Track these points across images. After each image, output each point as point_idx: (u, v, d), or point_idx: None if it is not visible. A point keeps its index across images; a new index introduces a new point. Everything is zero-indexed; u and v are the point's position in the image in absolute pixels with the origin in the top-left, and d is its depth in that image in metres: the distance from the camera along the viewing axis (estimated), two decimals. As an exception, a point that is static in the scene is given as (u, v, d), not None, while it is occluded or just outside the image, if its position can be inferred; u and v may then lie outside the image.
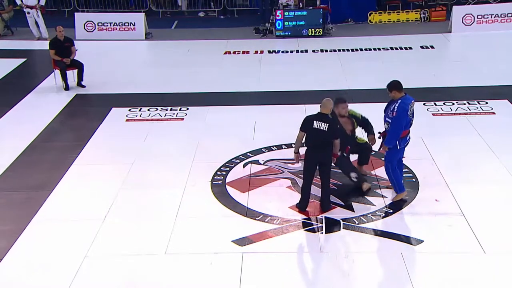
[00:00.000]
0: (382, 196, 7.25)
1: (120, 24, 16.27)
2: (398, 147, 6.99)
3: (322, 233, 6.54)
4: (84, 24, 16.27)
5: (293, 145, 7.50)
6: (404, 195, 7.19)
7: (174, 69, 13.18)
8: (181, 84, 11.99)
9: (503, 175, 7.72)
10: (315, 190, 7.31)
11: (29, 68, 13.73)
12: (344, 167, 7.46)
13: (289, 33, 15.87)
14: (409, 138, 7.12)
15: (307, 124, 6.85)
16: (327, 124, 6.74)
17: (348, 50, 14.42)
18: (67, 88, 11.63)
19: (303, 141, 6.95)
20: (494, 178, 7.66)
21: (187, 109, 10.45)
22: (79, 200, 7.43)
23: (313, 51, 14.47)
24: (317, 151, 6.81)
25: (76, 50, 11.85)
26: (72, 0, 18.55)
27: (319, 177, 7.06)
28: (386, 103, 7.16)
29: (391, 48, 14.49)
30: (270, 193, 7.45)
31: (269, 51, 14.60)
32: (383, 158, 8.19)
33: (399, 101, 6.90)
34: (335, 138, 6.83)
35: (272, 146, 8.56)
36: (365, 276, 5.83)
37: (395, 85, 7.05)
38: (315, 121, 6.78)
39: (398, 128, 6.86)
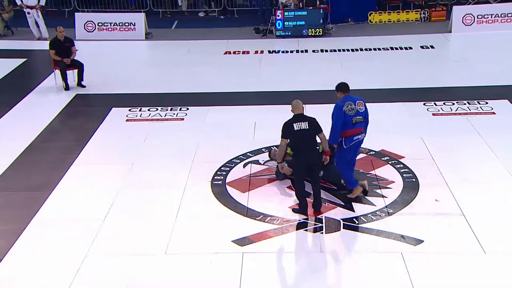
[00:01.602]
0: (382, 196, 7.25)
1: (120, 24, 16.28)
2: (344, 146, 7.00)
3: (322, 233, 6.54)
4: (84, 24, 16.28)
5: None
6: (358, 192, 7.15)
7: (174, 69, 13.19)
8: (181, 84, 12.00)
9: (503, 175, 7.72)
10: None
11: (29, 68, 13.74)
12: (332, 176, 7.43)
13: (289, 33, 15.87)
14: (358, 139, 7.07)
15: (287, 129, 6.83)
16: (307, 122, 6.78)
17: (348, 50, 14.43)
18: (67, 88, 11.64)
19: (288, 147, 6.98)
20: (494, 178, 7.65)
21: (187, 109, 10.45)
22: (79, 200, 7.43)
23: (313, 51, 14.47)
24: (306, 153, 6.81)
25: (76, 50, 11.85)
26: (72, 0, 18.55)
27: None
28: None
29: (391, 48, 14.49)
30: (270, 193, 7.45)
31: (269, 51, 14.60)
32: (383, 158, 8.22)
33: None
34: (319, 132, 6.86)
35: (272, 146, 8.55)
36: (365, 276, 5.83)
37: (340, 86, 7.23)
38: (294, 124, 6.79)
39: (334, 126, 6.95)
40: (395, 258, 6.04)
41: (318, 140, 7.00)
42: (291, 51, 14.56)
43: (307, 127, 6.77)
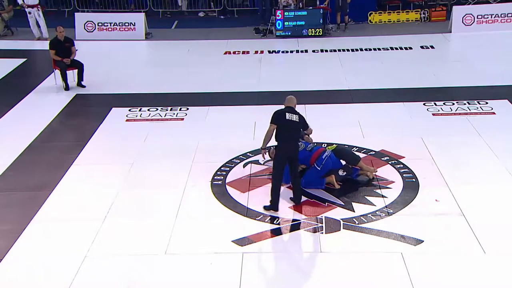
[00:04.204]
0: (382, 196, 7.25)
1: (120, 24, 16.28)
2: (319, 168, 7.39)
3: (322, 233, 6.53)
4: (84, 24, 16.28)
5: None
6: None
7: (174, 69, 13.19)
8: (181, 84, 12.00)
9: (503, 175, 7.72)
10: (315, 191, 7.36)
11: (29, 68, 13.73)
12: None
13: (289, 33, 15.87)
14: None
15: (279, 116, 7.00)
16: (297, 115, 7.02)
17: (348, 50, 14.43)
18: (67, 88, 11.63)
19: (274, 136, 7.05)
20: (494, 178, 7.65)
21: (187, 109, 10.45)
22: (79, 200, 7.43)
23: (313, 51, 14.47)
24: (289, 144, 6.95)
25: (76, 50, 11.85)
26: (72, 0, 18.55)
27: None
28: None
29: (391, 48, 14.49)
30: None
31: (269, 51, 14.60)
32: (383, 158, 8.23)
33: None
34: (307, 128, 7.26)
35: (272, 146, 8.54)
36: (365, 276, 5.83)
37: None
38: (287, 113, 6.98)
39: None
40: (395, 258, 6.03)
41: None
42: (291, 51, 14.56)
43: (297, 120, 7.01)
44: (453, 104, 10.23)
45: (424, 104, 10.28)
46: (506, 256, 6.05)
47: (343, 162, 7.69)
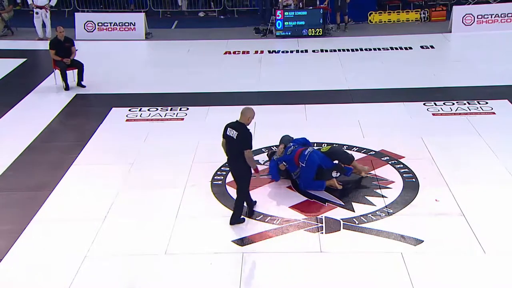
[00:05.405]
0: (382, 196, 7.25)
1: (120, 24, 16.29)
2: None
3: (322, 233, 6.54)
4: (84, 24, 16.29)
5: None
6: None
7: (174, 69, 13.20)
8: (181, 84, 12.00)
9: (503, 175, 7.72)
10: (315, 191, 7.36)
11: (29, 68, 13.73)
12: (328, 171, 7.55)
13: (289, 33, 15.87)
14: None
15: (224, 130, 6.77)
16: (237, 133, 6.57)
17: (348, 50, 14.43)
18: (67, 88, 11.64)
19: None
20: (494, 178, 7.66)
21: (187, 109, 10.45)
22: (79, 200, 7.43)
23: (313, 51, 14.47)
24: (230, 160, 6.80)
25: (76, 50, 11.86)
26: (72, 0, 18.55)
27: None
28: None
29: (391, 48, 14.49)
30: (270, 193, 7.46)
31: (269, 51, 14.60)
32: (383, 158, 8.23)
33: None
34: (244, 149, 6.51)
35: (272, 146, 8.56)
36: (365, 276, 5.83)
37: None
38: (229, 128, 6.69)
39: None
40: (395, 258, 6.04)
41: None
42: (291, 51, 14.56)
43: (235, 137, 6.60)
44: (453, 104, 10.23)
45: (424, 104, 10.29)
46: (506, 256, 6.06)
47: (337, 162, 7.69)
